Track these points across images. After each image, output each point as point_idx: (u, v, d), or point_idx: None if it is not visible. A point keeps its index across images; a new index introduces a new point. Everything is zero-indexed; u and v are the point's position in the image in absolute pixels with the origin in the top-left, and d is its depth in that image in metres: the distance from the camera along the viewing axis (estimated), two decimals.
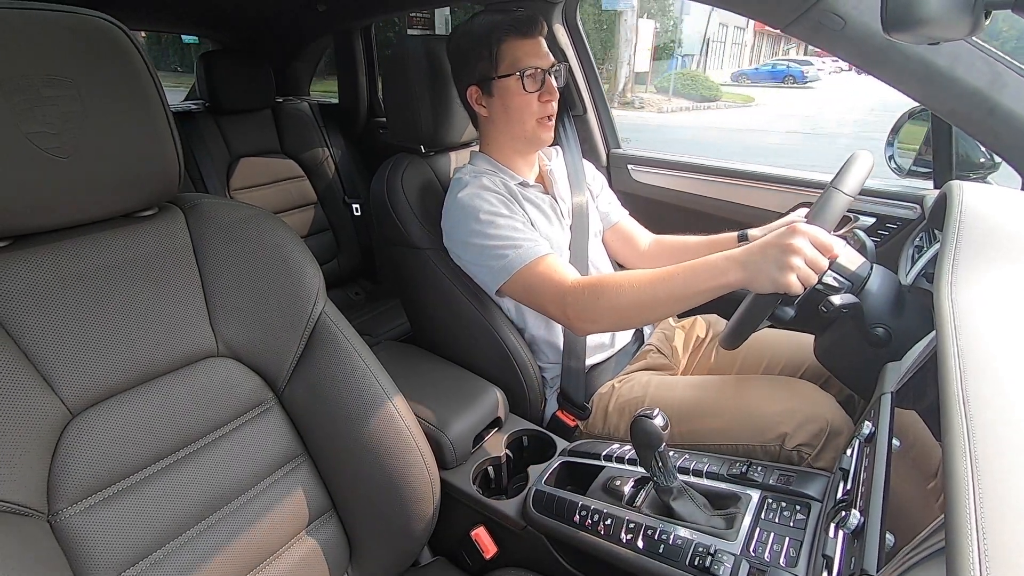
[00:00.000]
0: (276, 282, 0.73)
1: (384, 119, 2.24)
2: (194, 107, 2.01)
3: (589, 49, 1.58)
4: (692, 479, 0.77)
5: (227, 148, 1.96)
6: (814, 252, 0.73)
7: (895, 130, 1.25)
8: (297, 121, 2.12)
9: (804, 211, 1.03)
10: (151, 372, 0.64)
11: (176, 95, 2.89)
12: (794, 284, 0.72)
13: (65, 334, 0.59)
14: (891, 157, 1.26)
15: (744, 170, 1.43)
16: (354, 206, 2.19)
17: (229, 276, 0.71)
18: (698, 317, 1.28)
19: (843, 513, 0.56)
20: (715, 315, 1.29)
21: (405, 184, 1.06)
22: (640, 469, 0.80)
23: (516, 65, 0.98)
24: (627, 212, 1.30)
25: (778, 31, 0.89)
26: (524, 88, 0.99)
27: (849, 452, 0.65)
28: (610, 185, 1.33)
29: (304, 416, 0.76)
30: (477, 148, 1.13)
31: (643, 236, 1.27)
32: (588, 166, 1.27)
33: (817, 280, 0.74)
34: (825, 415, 0.87)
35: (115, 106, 0.59)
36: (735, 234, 1.12)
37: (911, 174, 1.22)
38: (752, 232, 1.09)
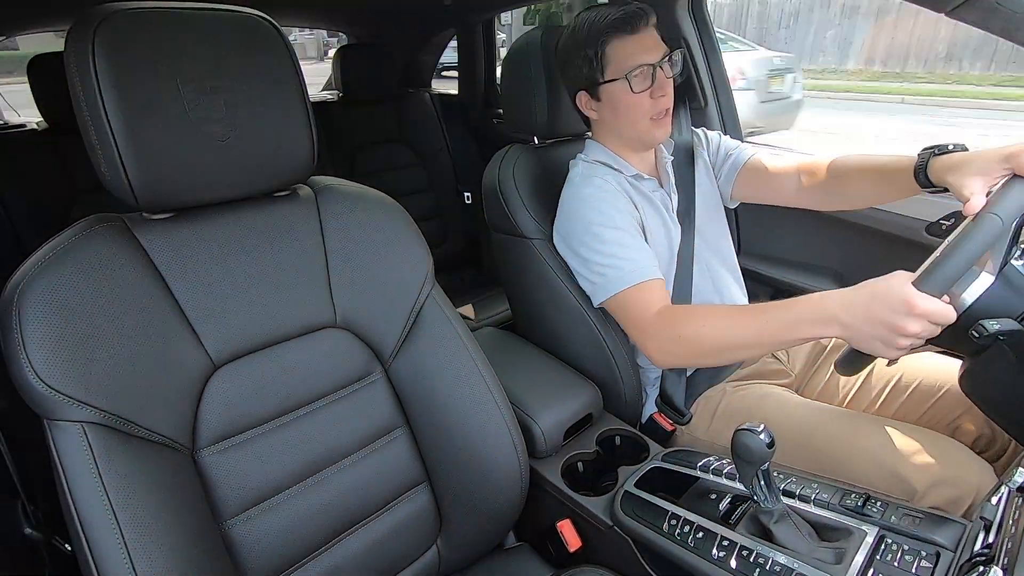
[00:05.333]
0: (390, 262, 0.78)
1: (500, 110, 2.29)
2: (329, 97, 2.19)
3: (715, 37, 1.50)
4: (798, 504, 0.71)
5: (354, 136, 2.11)
6: (931, 329, 0.64)
7: None
8: (418, 111, 2.23)
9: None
10: (279, 336, 0.71)
11: None
12: (897, 356, 0.66)
13: (213, 296, 0.67)
14: None
15: None
16: (465, 194, 2.27)
17: (349, 254, 0.76)
18: None
19: (981, 568, 0.49)
20: None
21: (517, 174, 1.08)
22: (739, 485, 0.75)
23: (623, 67, 0.93)
24: (756, 150, 1.12)
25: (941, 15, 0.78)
26: (632, 89, 0.94)
27: (995, 500, 0.57)
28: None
29: (407, 390, 0.80)
30: (591, 135, 1.11)
31: (788, 165, 1.04)
32: (701, 134, 1.16)
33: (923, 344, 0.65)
34: (971, 480, 0.75)
35: (266, 96, 0.65)
36: (914, 157, 0.82)
37: None
38: (939, 163, 0.77)
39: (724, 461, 0.81)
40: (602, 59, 0.95)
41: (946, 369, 0.95)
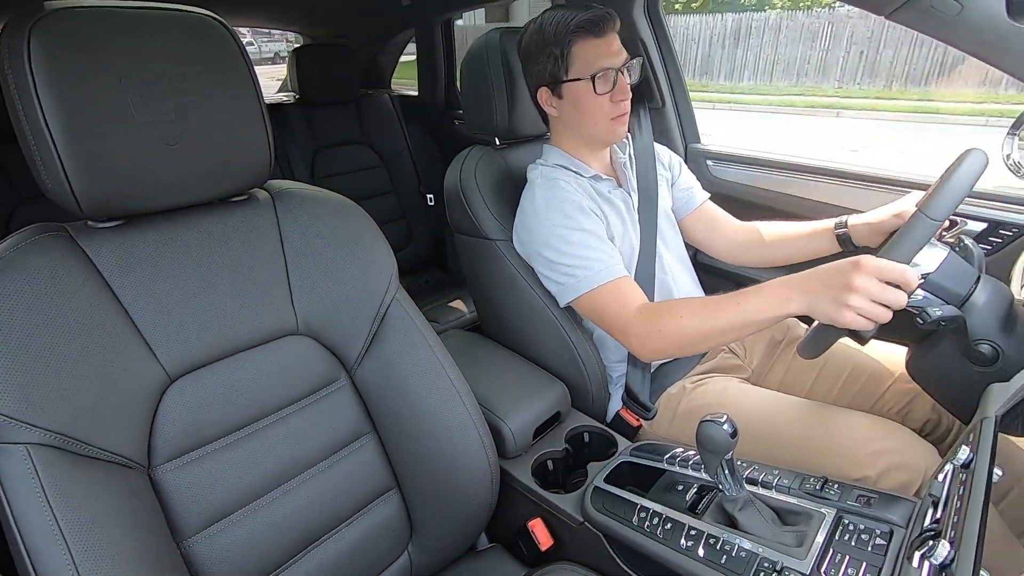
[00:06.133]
0: (353, 266, 0.77)
1: (460, 111, 2.29)
2: (285, 99, 2.14)
3: (671, 40, 1.53)
4: (760, 491, 0.74)
5: (313, 138, 2.07)
6: (881, 288, 0.67)
7: (1017, 125, 1.12)
8: (378, 112, 2.20)
9: (916, 196, 0.91)
10: (238, 345, 0.69)
11: None
12: (855, 322, 0.68)
13: (167, 307, 0.64)
14: (1009, 155, 1.13)
15: (833, 168, 1.34)
16: (428, 196, 2.25)
17: (310, 259, 0.75)
18: None
19: (930, 543, 0.52)
20: (793, 317, 1.22)
21: (479, 176, 1.08)
22: (705, 476, 0.77)
23: (587, 68, 0.95)
24: (708, 195, 1.23)
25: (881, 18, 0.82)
26: (595, 91, 0.96)
27: (941, 477, 0.60)
28: None
29: (373, 396, 0.79)
30: (549, 139, 1.12)
31: (733, 222, 1.20)
32: (664, 151, 1.22)
33: (890, 319, 0.68)
34: (920, 462, 0.79)
35: (218, 98, 0.63)
36: (833, 222, 1.03)
37: None
38: (853, 220, 1.00)
39: (690, 452, 0.83)
40: (567, 58, 0.96)
41: (895, 360, 1.00)
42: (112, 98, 0.56)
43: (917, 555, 0.53)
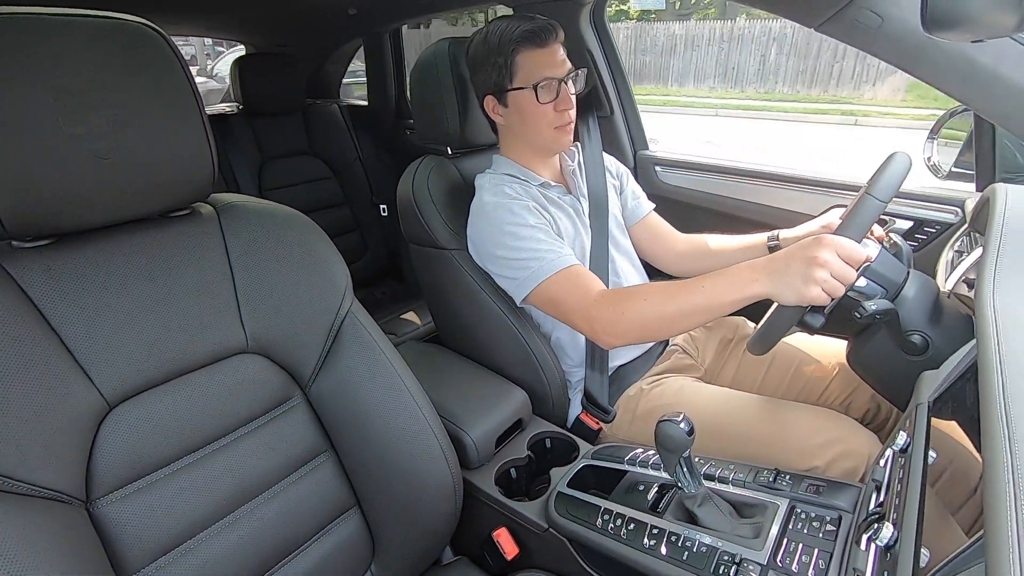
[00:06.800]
0: (304, 280, 0.75)
1: (412, 121, 2.27)
2: (228, 110, 2.07)
3: (617, 49, 1.57)
4: (718, 486, 0.76)
5: (259, 149, 2.01)
6: (841, 264, 0.71)
7: (935, 130, 1.21)
8: (326, 123, 2.16)
9: (838, 211, 1.01)
10: (184, 367, 0.66)
11: None
12: (819, 297, 0.71)
13: (103, 329, 0.61)
14: (929, 158, 1.22)
15: (775, 172, 1.40)
16: (381, 207, 2.22)
17: (259, 274, 0.72)
18: (725, 318, 1.26)
19: (875, 526, 0.54)
20: (742, 317, 1.27)
21: (431, 185, 1.07)
22: (664, 474, 0.79)
23: (530, 77, 0.97)
24: (654, 207, 1.27)
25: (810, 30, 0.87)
26: (538, 100, 0.98)
27: (882, 463, 0.63)
28: None
29: (330, 413, 0.77)
30: (499, 150, 1.13)
31: (675, 234, 1.25)
32: (611, 160, 1.25)
33: (844, 292, 0.72)
34: (863, 449, 0.84)
35: (154, 109, 0.61)
36: (766, 236, 1.10)
37: (951, 176, 1.18)
38: (784, 234, 1.07)
39: (650, 453, 0.85)
40: (511, 67, 0.98)
41: (836, 354, 1.05)
42: (38, 109, 0.53)
43: (864, 538, 0.56)
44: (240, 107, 2.02)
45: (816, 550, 0.63)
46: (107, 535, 0.59)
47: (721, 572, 0.65)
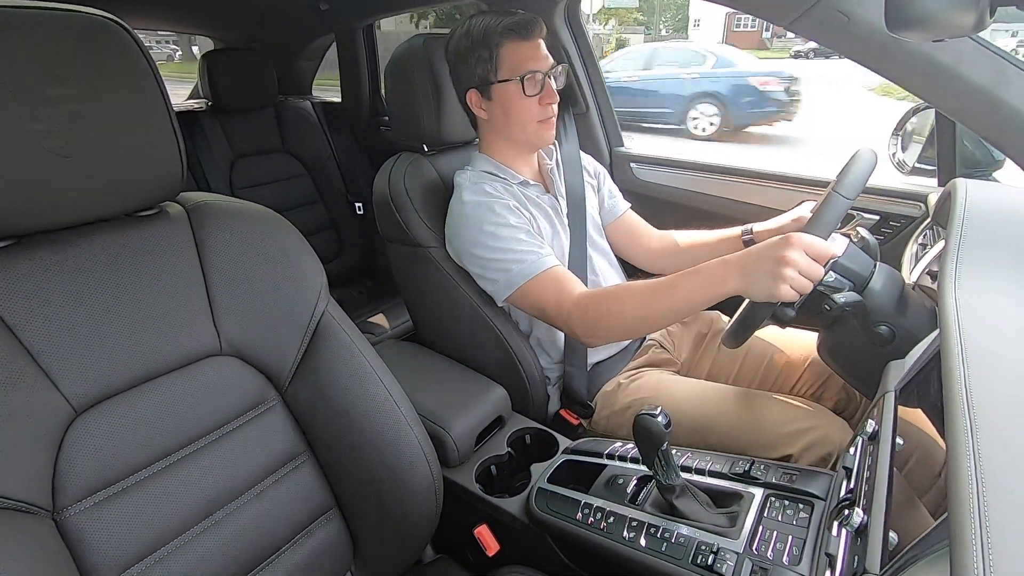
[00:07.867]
0: (279, 280, 0.74)
1: (387, 117, 2.25)
2: (197, 106, 2.02)
3: (592, 46, 1.58)
4: (695, 477, 0.77)
5: (230, 147, 1.96)
6: (808, 261, 0.72)
7: (899, 127, 1.24)
8: (299, 120, 2.12)
9: (809, 204, 1.03)
10: (155, 370, 0.64)
11: None
12: (788, 294, 0.73)
13: (69, 333, 0.59)
14: (894, 154, 1.25)
15: (748, 168, 1.43)
16: (356, 205, 2.20)
17: (232, 274, 0.71)
18: (700, 313, 1.28)
19: (846, 512, 0.56)
20: (717, 312, 1.29)
21: (408, 183, 1.06)
22: (643, 467, 0.80)
23: (516, 70, 0.97)
24: (629, 206, 1.29)
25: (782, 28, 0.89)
26: (524, 92, 0.98)
27: (852, 450, 0.65)
28: None
29: (307, 414, 0.76)
30: (478, 147, 1.13)
31: (650, 231, 1.26)
32: (588, 159, 1.26)
33: (812, 288, 0.73)
34: (835, 437, 0.86)
35: (118, 105, 0.59)
36: (740, 230, 1.12)
37: (915, 171, 1.22)
38: (757, 228, 1.09)
39: (628, 446, 0.86)
40: (496, 60, 0.98)
41: (807, 346, 1.08)
42: None
43: (836, 524, 0.57)
44: (209, 103, 1.97)
45: (790, 537, 0.65)
46: (76, 545, 0.57)
47: (699, 561, 0.66)
